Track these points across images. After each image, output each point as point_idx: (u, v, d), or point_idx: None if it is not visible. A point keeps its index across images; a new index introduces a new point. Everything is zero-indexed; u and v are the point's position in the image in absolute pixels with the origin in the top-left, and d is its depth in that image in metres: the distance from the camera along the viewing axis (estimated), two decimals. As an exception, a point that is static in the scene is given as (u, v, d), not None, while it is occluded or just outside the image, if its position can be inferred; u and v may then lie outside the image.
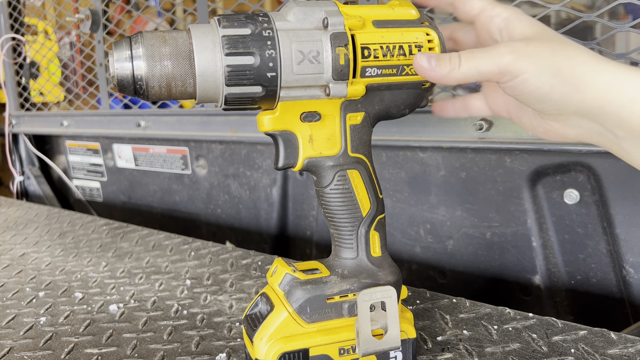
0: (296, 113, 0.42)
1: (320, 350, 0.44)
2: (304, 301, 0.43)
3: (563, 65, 0.37)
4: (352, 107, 0.43)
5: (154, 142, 1.21)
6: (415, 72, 0.42)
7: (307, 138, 0.43)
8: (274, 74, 0.39)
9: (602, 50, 0.67)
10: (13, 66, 1.46)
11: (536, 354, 0.50)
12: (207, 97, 0.40)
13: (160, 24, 1.68)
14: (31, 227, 1.03)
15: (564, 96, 0.37)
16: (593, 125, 0.38)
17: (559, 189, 0.73)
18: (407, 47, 0.42)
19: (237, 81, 0.39)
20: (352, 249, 0.45)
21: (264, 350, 0.43)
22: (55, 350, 0.55)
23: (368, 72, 0.41)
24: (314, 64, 0.40)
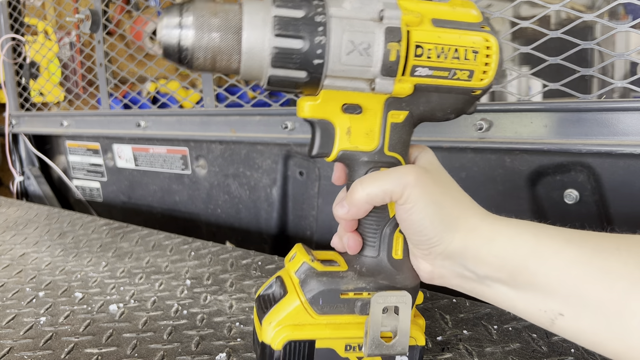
0: (338, 103, 0.41)
1: (327, 344, 0.43)
2: (318, 292, 0.43)
3: (446, 205, 0.39)
4: (396, 105, 0.41)
5: (154, 142, 1.21)
6: (467, 77, 0.40)
7: (345, 130, 0.42)
8: (320, 61, 0.38)
9: (602, 50, 0.67)
10: (13, 66, 1.46)
11: (536, 353, 0.50)
12: (251, 75, 0.39)
13: (160, 24, 1.68)
14: (31, 227, 1.03)
15: (437, 234, 0.39)
16: (457, 268, 0.40)
17: (559, 189, 0.73)
18: (463, 51, 0.40)
19: (283, 64, 0.38)
20: (373, 248, 0.44)
21: (271, 334, 0.43)
22: (55, 350, 0.55)
23: (418, 71, 0.40)
24: (363, 56, 0.38)
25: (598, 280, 0.33)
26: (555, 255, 0.35)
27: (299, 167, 1.02)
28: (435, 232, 0.39)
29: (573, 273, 0.34)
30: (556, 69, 0.68)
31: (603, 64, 0.69)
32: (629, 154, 0.63)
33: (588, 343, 0.35)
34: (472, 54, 0.40)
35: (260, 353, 0.44)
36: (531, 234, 0.37)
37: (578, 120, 0.66)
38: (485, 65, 0.41)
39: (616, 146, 0.64)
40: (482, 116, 0.73)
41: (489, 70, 0.41)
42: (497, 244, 0.37)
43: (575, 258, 0.34)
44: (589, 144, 0.66)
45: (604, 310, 0.33)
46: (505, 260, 0.37)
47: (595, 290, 0.33)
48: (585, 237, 0.36)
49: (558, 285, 0.35)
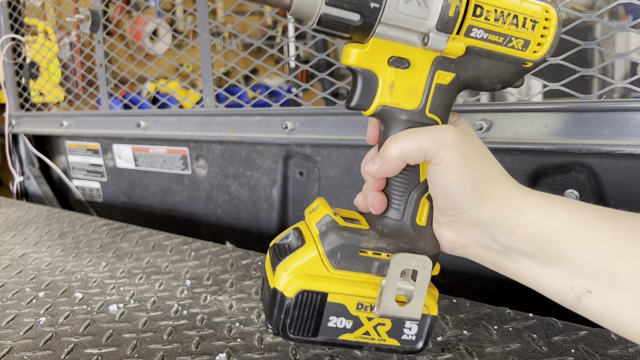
0: (385, 54, 0.39)
1: (339, 299, 0.42)
2: (337, 246, 0.42)
3: (479, 171, 0.38)
4: (445, 65, 0.40)
5: (153, 143, 1.21)
6: (522, 47, 0.39)
7: (389, 84, 0.40)
8: (377, 5, 0.37)
9: (602, 50, 0.67)
10: (13, 66, 1.46)
11: (536, 354, 0.50)
12: (302, 12, 0.37)
13: (160, 24, 1.68)
14: (31, 227, 1.03)
15: (466, 199, 0.38)
16: (483, 238, 0.39)
17: (559, 189, 0.73)
18: (522, 18, 0.39)
19: (338, 2, 0.36)
20: (398, 211, 0.43)
21: (284, 282, 0.42)
22: (55, 351, 0.55)
23: (474, 32, 0.39)
24: (421, 7, 0.37)
25: (631, 258, 0.32)
26: (588, 230, 0.34)
27: (299, 167, 1.02)
28: (465, 197, 0.38)
29: (606, 249, 0.33)
30: (556, 69, 0.68)
31: (603, 64, 0.69)
32: (629, 154, 0.63)
33: (612, 322, 0.34)
34: (531, 22, 0.39)
35: (270, 300, 0.43)
36: (564, 207, 0.36)
37: (578, 120, 0.66)
38: (541, 37, 0.40)
39: (616, 146, 0.64)
40: (482, 116, 0.73)
41: (544, 43, 0.40)
42: (528, 214, 0.37)
43: (609, 234, 0.34)
44: (589, 144, 0.66)
45: (635, 289, 0.32)
46: (534, 232, 0.36)
47: (628, 268, 0.32)
48: (620, 215, 0.35)
49: (589, 260, 0.34)
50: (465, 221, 0.39)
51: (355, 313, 0.43)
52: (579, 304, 0.36)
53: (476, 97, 0.81)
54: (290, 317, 0.42)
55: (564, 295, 0.36)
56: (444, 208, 0.40)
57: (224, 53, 1.05)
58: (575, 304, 0.36)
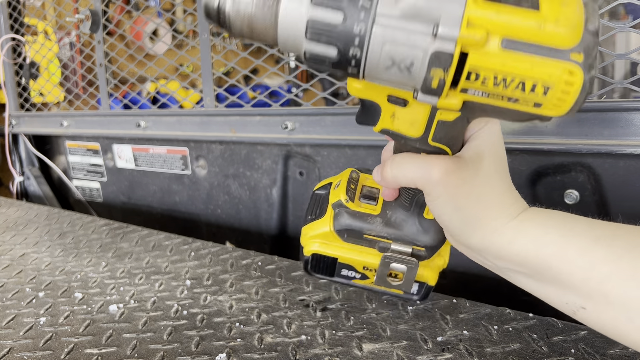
0: (382, 93, 0.38)
1: (347, 261, 0.53)
2: (344, 228, 0.50)
3: (467, 207, 0.38)
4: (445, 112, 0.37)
5: (153, 143, 1.21)
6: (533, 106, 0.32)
7: (390, 114, 0.39)
8: (354, 71, 0.34)
9: (602, 50, 0.67)
10: (13, 66, 1.46)
11: (536, 354, 0.50)
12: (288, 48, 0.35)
13: (160, 24, 1.68)
14: (31, 227, 1.03)
15: (455, 230, 0.40)
16: (477, 256, 0.42)
17: (559, 189, 0.73)
18: (531, 84, 0.31)
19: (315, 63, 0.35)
20: (406, 206, 0.48)
21: (305, 242, 0.54)
22: (55, 351, 0.55)
23: (470, 92, 0.33)
24: (403, 73, 0.33)
25: (624, 279, 0.33)
26: (582, 255, 0.35)
27: (299, 168, 1.02)
28: (454, 228, 0.40)
29: (599, 273, 0.34)
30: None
31: (603, 64, 0.69)
32: (629, 154, 0.63)
33: (609, 334, 0.35)
34: (542, 88, 0.31)
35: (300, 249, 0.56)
36: (559, 233, 0.36)
37: (578, 120, 0.66)
38: (558, 100, 0.32)
39: (616, 146, 0.64)
40: (482, 116, 0.73)
41: (561, 106, 0.32)
42: (520, 243, 0.37)
43: (602, 258, 0.34)
44: (589, 144, 0.66)
45: (628, 307, 0.33)
46: (527, 259, 0.37)
47: (620, 289, 0.33)
48: (616, 233, 0.35)
49: (582, 283, 0.35)
50: (459, 243, 0.42)
51: (362, 271, 0.53)
52: (575, 316, 0.37)
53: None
54: (311, 265, 0.54)
55: (561, 307, 0.38)
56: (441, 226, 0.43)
57: (224, 53, 1.05)
58: (572, 315, 0.37)
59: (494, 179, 0.39)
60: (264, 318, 0.61)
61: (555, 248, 0.36)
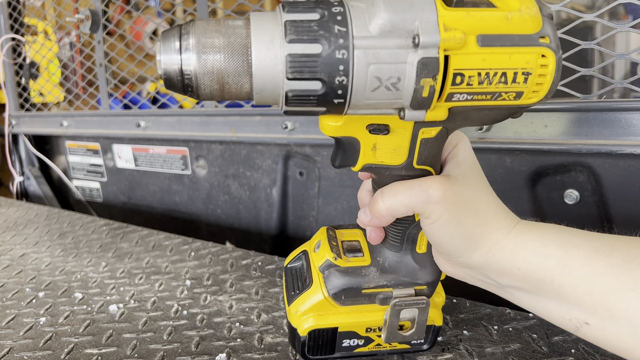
0: (362, 124, 0.37)
1: (349, 328, 0.47)
2: (340, 290, 0.45)
3: (468, 222, 0.38)
4: (429, 124, 0.37)
5: (153, 143, 1.21)
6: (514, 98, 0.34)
7: (371, 146, 0.38)
8: (341, 101, 0.33)
9: (603, 50, 0.67)
10: (13, 66, 1.46)
11: (536, 354, 0.50)
12: (266, 97, 0.34)
13: (160, 24, 1.68)
14: (31, 227, 1.03)
15: (457, 250, 0.39)
16: (478, 275, 0.41)
17: (559, 189, 0.73)
18: (512, 74, 0.33)
19: (298, 103, 0.33)
20: (397, 246, 0.45)
21: (298, 322, 0.48)
22: (55, 351, 0.55)
23: (455, 97, 0.34)
24: (391, 91, 0.33)
25: (627, 291, 0.33)
26: (583, 267, 0.34)
27: (299, 168, 1.02)
28: (455, 247, 0.39)
29: (601, 285, 0.34)
30: (556, 69, 0.68)
31: (603, 64, 0.69)
32: (629, 154, 0.63)
33: (614, 349, 0.35)
34: (523, 76, 0.33)
35: (289, 330, 0.50)
36: (558, 244, 0.36)
37: (578, 120, 0.66)
38: (537, 85, 0.34)
39: (616, 146, 0.64)
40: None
41: (540, 90, 0.34)
42: (521, 257, 0.37)
43: (603, 269, 0.34)
44: (589, 144, 0.66)
45: (632, 320, 0.32)
46: (528, 273, 0.37)
47: (623, 302, 0.33)
48: (614, 245, 0.35)
49: (584, 296, 0.34)
50: (459, 263, 0.41)
51: (365, 334, 0.48)
52: (578, 332, 0.36)
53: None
54: (307, 348, 0.48)
55: (563, 325, 0.37)
56: (438, 252, 0.42)
57: (224, 53, 1.05)
58: (574, 332, 0.36)
59: (484, 193, 0.40)
60: (264, 318, 0.61)
61: (555, 260, 0.35)
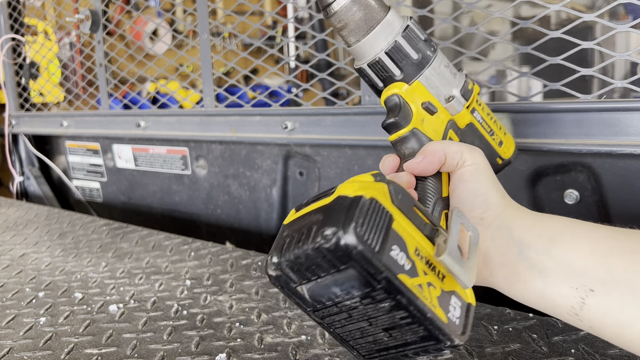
0: (420, 98, 0.49)
1: (401, 231, 0.36)
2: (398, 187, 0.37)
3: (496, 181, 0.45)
4: (454, 129, 0.51)
5: (153, 143, 1.21)
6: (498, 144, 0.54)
7: (421, 118, 0.49)
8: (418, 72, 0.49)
9: (602, 50, 0.67)
10: (13, 66, 1.46)
11: (536, 354, 0.50)
12: (359, 53, 0.48)
13: (160, 24, 1.68)
14: (31, 227, 1.03)
15: (494, 195, 0.43)
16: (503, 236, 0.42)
17: (559, 189, 0.73)
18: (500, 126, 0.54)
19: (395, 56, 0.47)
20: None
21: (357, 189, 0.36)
22: (55, 351, 0.55)
23: (475, 114, 0.51)
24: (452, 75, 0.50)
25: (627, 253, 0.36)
26: (588, 231, 0.39)
27: (299, 168, 1.02)
28: (493, 193, 0.43)
29: (604, 245, 0.37)
30: (556, 69, 0.68)
31: (603, 64, 0.69)
32: (629, 154, 0.63)
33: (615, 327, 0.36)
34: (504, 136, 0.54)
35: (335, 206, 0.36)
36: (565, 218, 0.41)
37: (578, 120, 0.66)
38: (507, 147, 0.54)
39: (616, 146, 0.64)
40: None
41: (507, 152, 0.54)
42: (538, 217, 0.42)
43: (605, 235, 0.38)
44: (589, 144, 0.66)
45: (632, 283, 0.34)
46: (543, 230, 0.40)
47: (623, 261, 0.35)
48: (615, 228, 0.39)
49: (589, 257, 0.37)
50: (492, 219, 0.42)
51: (413, 257, 0.37)
52: (583, 309, 0.37)
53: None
54: (365, 219, 0.34)
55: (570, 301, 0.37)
56: (472, 207, 0.43)
57: (224, 53, 1.05)
58: (580, 309, 0.37)
59: None
60: (264, 318, 0.61)
61: (566, 222, 0.41)
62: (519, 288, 0.41)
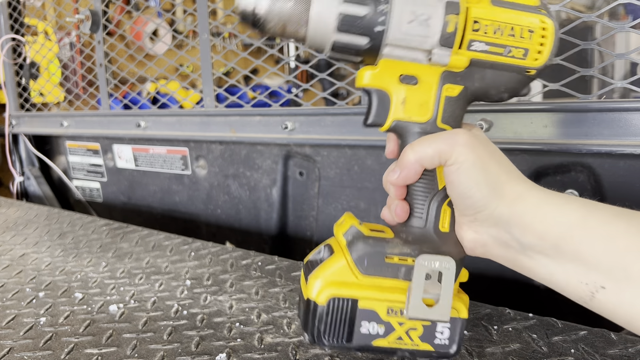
0: (395, 73, 0.43)
1: (369, 305, 0.44)
2: (363, 253, 0.44)
3: (493, 169, 0.40)
4: (451, 79, 0.43)
5: (153, 143, 1.21)
6: (522, 55, 0.42)
7: (401, 100, 0.43)
8: (382, 28, 0.40)
9: (602, 50, 0.67)
10: (13, 67, 1.46)
11: (536, 354, 0.50)
12: (315, 42, 0.42)
13: (160, 24, 1.69)
14: (31, 227, 1.03)
15: (483, 197, 0.40)
16: (501, 235, 0.40)
17: (559, 189, 0.73)
18: (519, 29, 0.41)
19: (347, 29, 0.41)
20: (421, 219, 0.45)
21: (317, 289, 0.44)
22: (55, 351, 0.55)
23: (474, 45, 0.42)
24: (422, 27, 0.40)
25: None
26: (602, 226, 0.35)
27: (299, 168, 1.02)
28: (482, 194, 0.39)
29: (620, 244, 0.34)
30: (556, 69, 0.68)
31: (603, 64, 0.69)
32: (629, 154, 0.63)
33: (626, 317, 0.35)
34: (528, 32, 0.42)
35: (304, 310, 0.45)
36: (580, 204, 0.37)
37: (578, 120, 0.66)
38: (540, 46, 0.42)
39: (616, 146, 0.64)
40: (482, 116, 0.73)
41: (543, 51, 0.42)
42: (544, 211, 0.38)
43: (622, 230, 0.35)
44: (589, 144, 0.66)
45: None
46: (550, 228, 0.37)
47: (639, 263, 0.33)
48: (635, 214, 0.36)
49: (603, 255, 0.35)
50: (484, 219, 0.40)
51: (386, 318, 0.44)
52: (593, 300, 0.36)
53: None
54: (324, 324, 0.44)
55: (579, 292, 0.37)
56: (463, 208, 0.42)
57: (224, 53, 1.05)
58: (589, 300, 0.36)
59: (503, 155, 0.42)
60: (264, 318, 0.61)
61: (577, 217, 0.36)
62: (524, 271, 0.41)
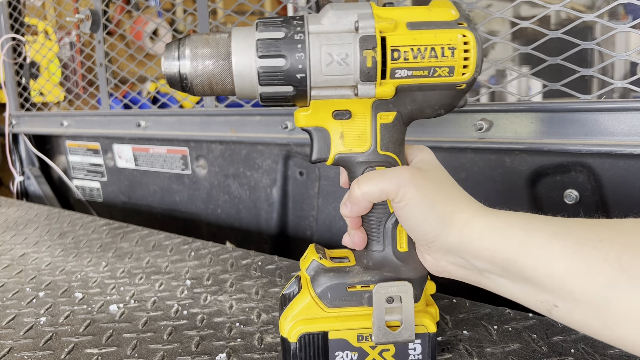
0: (328, 111, 0.44)
1: (340, 335, 0.46)
2: (326, 287, 0.46)
3: (439, 202, 0.40)
4: (383, 107, 0.44)
5: (154, 142, 1.21)
6: (448, 73, 0.42)
7: (338, 135, 0.45)
8: (303, 75, 0.41)
9: (602, 50, 0.67)
10: (13, 66, 1.46)
11: (536, 354, 0.50)
12: (246, 95, 0.43)
13: (161, 24, 1.69)
14: (31, 227, 1.03)
15: (432, 230, 0.40)
16: (459, 261, 0.41)
17: (559, 189, 0.73)
18: (440, 49, 0.41)
19: (269, 81, 0.42)
20: (379, 242, 0.46)
21: (287, 328, 0.46)
22: (55, 351, 0.55)
23: (398, 73, 0.41)
24: (342, 66, 0.41)
25: (581, 274, 0.33)
26: (542, 249, 0.35)
27: (299, 167, 1.02)
28: (430, 227, 0.40)
29: (558, 268, 0.34)
30: (556, 69, 0.68)
31: (603, 64, 0.69)
32: (629, 154, 0.63)
33: (584, 331, 0.35)
34: (449, 50, 0.41)
35: (282, 348, 0.48)
36: (520, 227, 0.37)
37: (578, 120, 0.66)
38: (465, 60, 0.41)
39: (616, 146, 0.64)
40: (482, 116, 0.73)
41: (469, 65, 0.42)
42: (488, 237, 0.38)
43: (559, 252, 0.35)
44: (589, 144, 0.66)
45: (591, 304, 0.33)
46: (495, 254, 0.38)
47: (580, 285, 0.33)
48: (572, 228, 0.36)
49: (546, 279, 0.35)
50: (438, 248, 0.41)
51: (357, 344, 0.47)
52: (552, 315, 0.37)
53: (476, 98, 0.81)
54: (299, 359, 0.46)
55: (539, 308, 0.38)
56: (416, 239, 0.43)
57: (224, 53, 1.05)
58: (549, 314, 0.37)
59: (450, 182, 0.43)
60: (264, 318, 0.61)
61: (518, 241, 0.37)
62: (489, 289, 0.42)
